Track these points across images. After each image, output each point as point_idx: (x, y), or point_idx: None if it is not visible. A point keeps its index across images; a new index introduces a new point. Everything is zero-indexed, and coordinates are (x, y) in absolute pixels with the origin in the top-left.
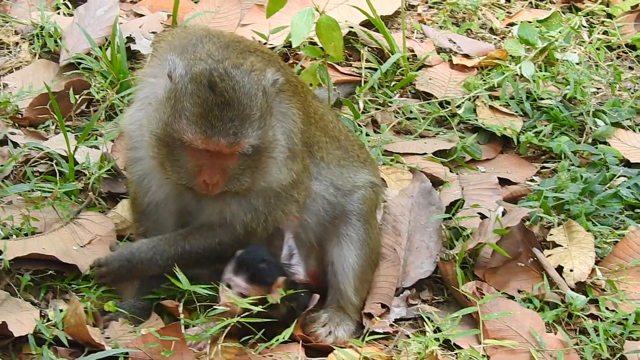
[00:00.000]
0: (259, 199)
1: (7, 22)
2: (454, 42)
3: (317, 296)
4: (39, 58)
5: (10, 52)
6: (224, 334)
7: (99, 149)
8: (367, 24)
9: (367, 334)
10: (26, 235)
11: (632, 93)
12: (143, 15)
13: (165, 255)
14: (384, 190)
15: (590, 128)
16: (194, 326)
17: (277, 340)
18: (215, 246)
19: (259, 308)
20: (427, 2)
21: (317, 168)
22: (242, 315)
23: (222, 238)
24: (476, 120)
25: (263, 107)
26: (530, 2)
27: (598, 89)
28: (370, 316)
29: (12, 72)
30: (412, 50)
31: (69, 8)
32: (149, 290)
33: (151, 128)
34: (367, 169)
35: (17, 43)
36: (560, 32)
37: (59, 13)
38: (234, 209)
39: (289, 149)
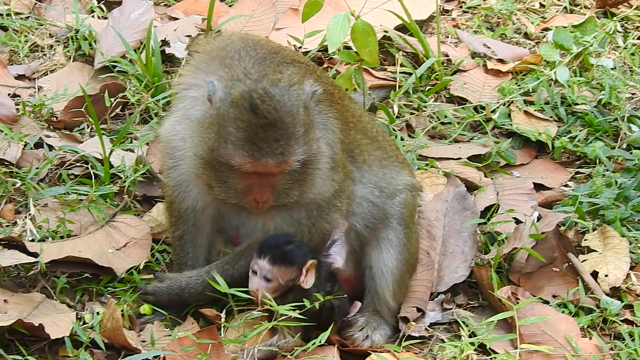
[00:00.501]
0: (302, 211)
1: (41, 25)
2: (489, 47)
3: (358, 304)
4: (73, 61)
5: (44, 54)
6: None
7: (133, 152)
8: (402, 29)
9: (404, 338)
10: (62, 238)
11: None
12: (177, 19)
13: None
14: (421, 194)
15: (625, 133)
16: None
17: (314, 344)
18: None
19: (284, 309)
20: (461, 7)
21: (360, 172)
22: (279, 320)
23: None
24: (511, 125)
25: (306, 121)
26: (565, 7)
27: (633, 94)
28: (406, 320)
29: (47, 74)
30: (447, 55)
31: (103, 11)
32: None
33: (195, 151)
34: (406, 170)
35: (51, 46)
36: (595, 38)
37: (93, 16)
38: (277, 223)
39: (331, 159)
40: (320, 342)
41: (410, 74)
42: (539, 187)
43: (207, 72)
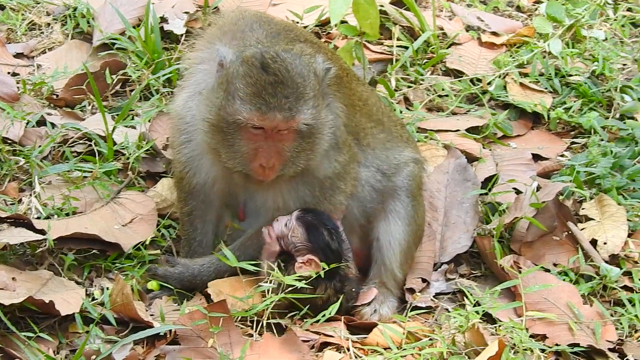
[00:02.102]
0: (306, 190)
1: (38, 3)
2: (482, 20)
3: (375, 291)
4: (71, 39)
5: (42, 33)
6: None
7: (135, 128)
8: (397, 3)
9: (410, 309)
10: (67, 215)
11: None
12: None
13: (227, 273)
14: (426, 167)
15: (618, 103)
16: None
17: (324, 316)
18: None
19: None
20: None
21: (364, 154)
22: (287, 290)
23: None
24: (507, 97)
25: (315, 88)
26: None
27: (624, 65)
28: (412, 291)
29: (45, 53)
30: (442, 29)
31: None
32: None
33: (203, 116)
34: (410, 147)
35: (49, 24)
36: (586, 10)
37: None
38: (283, 200)
39: (335, 142)
40: (330, 314)
41: (407, 47)
42: (536, 157)
43: (219, 45)
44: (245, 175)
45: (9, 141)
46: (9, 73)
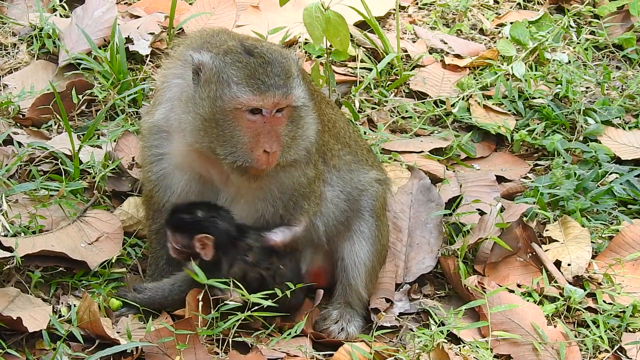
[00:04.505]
0: (269, 206)
1: (4, 24)
2: (446, 43)
3: (321, 292)
4: (37, 59)
5: (8, 53)
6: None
7: (101, 148)
8: (361, 25)
9: (375, 329)
10: (34, 233)
11: (621, 92)
12: (139, 17)
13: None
14: (391, 188)
15: (582, 126)
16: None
17: (289, 334)
18: None
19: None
20: (417, 4)
21: (330, 175)
22: (253, 310)
23: None
24: (470, 118)
25: (297, 70)
26: (519, 3)
27: (587, 88)
28: (376, 311)
29: (11, 72)
30: (406, 51)
31: (65, 9)
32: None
33: (194, 116)
34: (375, 169)
35: (15, 44)
36: (549, 33)
37: (55, 14)
38: (251, 214)
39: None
40: (295, 332)
41: (371, 69)
42: (499, 179)
43: (191, 52)
44: (243, 171)
45: None
46: None
